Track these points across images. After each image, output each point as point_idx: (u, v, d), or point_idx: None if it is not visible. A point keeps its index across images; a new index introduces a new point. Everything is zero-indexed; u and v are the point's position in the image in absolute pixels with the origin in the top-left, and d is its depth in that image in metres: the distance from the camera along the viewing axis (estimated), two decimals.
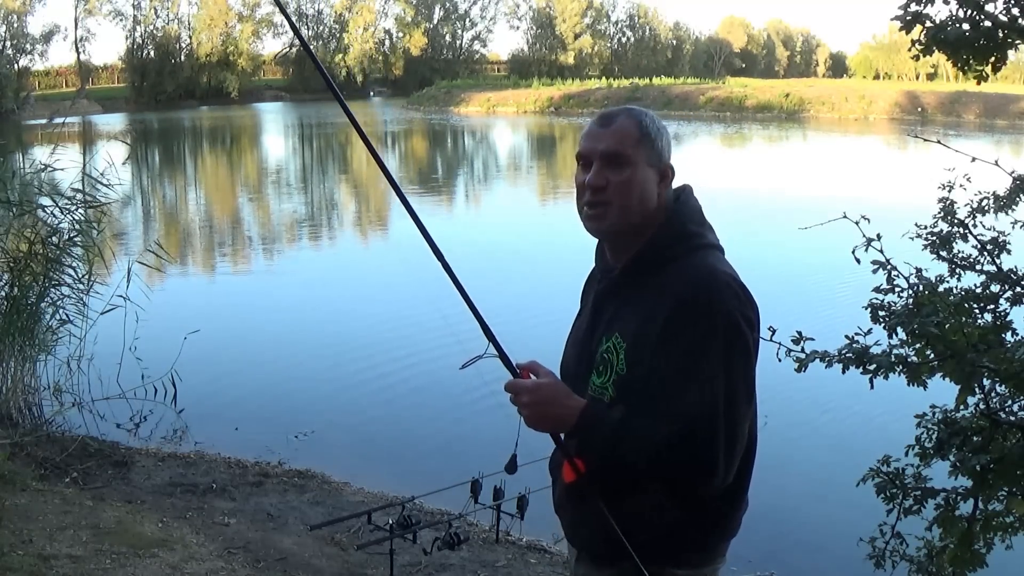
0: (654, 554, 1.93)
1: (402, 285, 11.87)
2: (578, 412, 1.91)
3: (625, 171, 1.93)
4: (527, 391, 1.94)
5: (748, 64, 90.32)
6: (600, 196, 1.94)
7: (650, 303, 1.90)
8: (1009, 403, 2.46)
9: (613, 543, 1.89)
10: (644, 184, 1.95)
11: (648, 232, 1.98)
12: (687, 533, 1.96)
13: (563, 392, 1.95)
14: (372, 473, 6.37)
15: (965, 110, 44.18)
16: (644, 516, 1.92)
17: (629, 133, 1.95)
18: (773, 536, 5.14)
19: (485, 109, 54.97)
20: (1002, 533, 2.52)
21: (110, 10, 62.70)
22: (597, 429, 1.90)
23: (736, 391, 1.84)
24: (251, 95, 65.15)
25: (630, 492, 1.93)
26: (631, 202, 1.94)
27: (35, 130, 31.71)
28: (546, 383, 1.95)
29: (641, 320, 1.91)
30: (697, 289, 1.86)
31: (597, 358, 1.98)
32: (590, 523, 1.98)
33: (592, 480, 1.94)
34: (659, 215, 1.99)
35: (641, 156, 1.94)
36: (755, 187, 20.73)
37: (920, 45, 2.41)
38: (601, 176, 1.94)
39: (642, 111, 2.03)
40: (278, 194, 23.61)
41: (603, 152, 1.94)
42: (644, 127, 1.97)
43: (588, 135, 1.99)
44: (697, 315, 1.84)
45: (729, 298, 1.87)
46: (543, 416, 1.94)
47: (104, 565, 4.36)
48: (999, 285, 2.57)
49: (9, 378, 6.97)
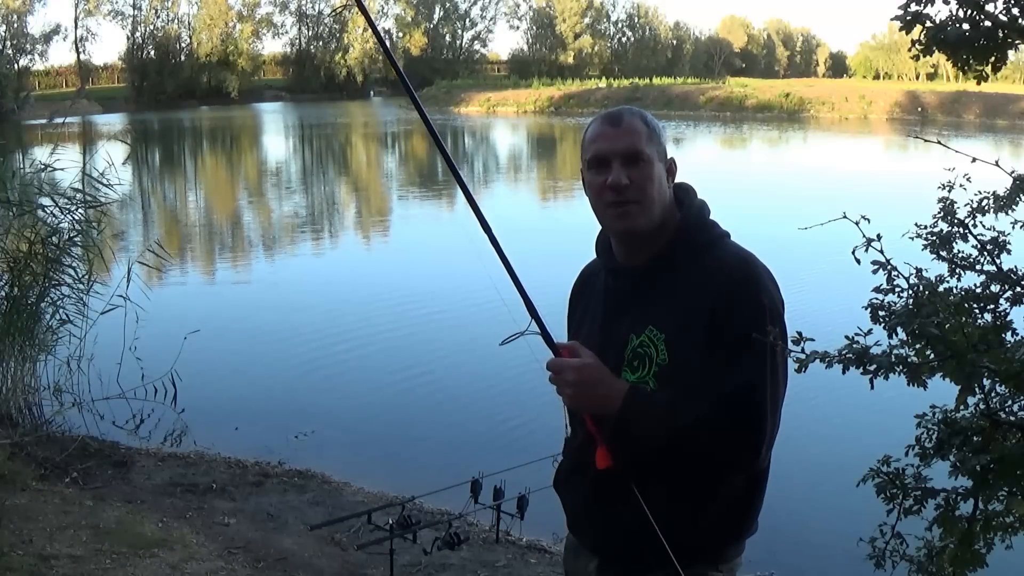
0: (697, 553, 1.93)
1: (402, 285, 11.90)
2: (623, 393, 1.91)
3: (644, 168, 1.97)
4: (572, 369, 1.92)
5: (748, 64, 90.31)
6: (625, 195, 1.97)
7: (689, 292, 1.93)
8: (1009, 403, 2.45)
9: (653, 546, 1.83)
10: (660, 179, 1.99)
11: (668, 226, 2.01)
12: (726, 527, 1.98)
13: (607, 372, 1.94)
14: (372, 473, 6.37)
15: (965, 110, 44.20)
16: (684, 511, 1.91)
17: (640, 130, 1.99)
18: (773, 536, 5.13)
19: (485, 109, 55.00)
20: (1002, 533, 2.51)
21: (110, 10, 62.92)
22: (646, 408, 1.90)
23: (777, 372, 1.89)
24: (251, 95, 65.15)
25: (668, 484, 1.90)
26: (653, 198, 1.97)
27: (35, 130, 31.76)
28: (591, 363, 1.94)
29: (681, 309, 1.92)
30: (742, 274, 1.92)
31: (627, 355, 1.98)
32: (625, 525, 1.93)
33: (627, 468, 1.91)
34: (671, 211, 2.03)
35: (653, 152, 1.98)
36: (754, 187, 20.73)
37: (920, 45, 2.41)
38: (623, 175, 1.96)
39: (639, 111, 2.06)
40: (278, 194, 23.62)
41: (622, 152, 1.97)
42: (650, 124, 2.01)
43: (601, 136, 2.01)
44: (746, 298, 1.88)
45: (769, 282, 1.93)
46: (588, 396, 1.93)
47: (104, 565, 4.36)
48: (999, 285, 2.57)
49: (9, 378, 6.97)
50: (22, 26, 56.13)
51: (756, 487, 2.00)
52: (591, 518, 2.07)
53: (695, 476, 1.92)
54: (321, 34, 72.50)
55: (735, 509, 1.98)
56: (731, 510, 1.97)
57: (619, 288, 2.06)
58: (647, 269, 2.01)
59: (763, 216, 14.65)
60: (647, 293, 2.00)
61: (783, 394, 1.95)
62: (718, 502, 1.94)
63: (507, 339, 2.03)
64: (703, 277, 1.92)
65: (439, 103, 56.54)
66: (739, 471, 1.93)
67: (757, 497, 2.02)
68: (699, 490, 1.93)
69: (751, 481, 1.98)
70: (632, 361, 1.97)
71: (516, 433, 6.79)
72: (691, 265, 1.96)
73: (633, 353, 1.97)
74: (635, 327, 1.98)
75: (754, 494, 2.01)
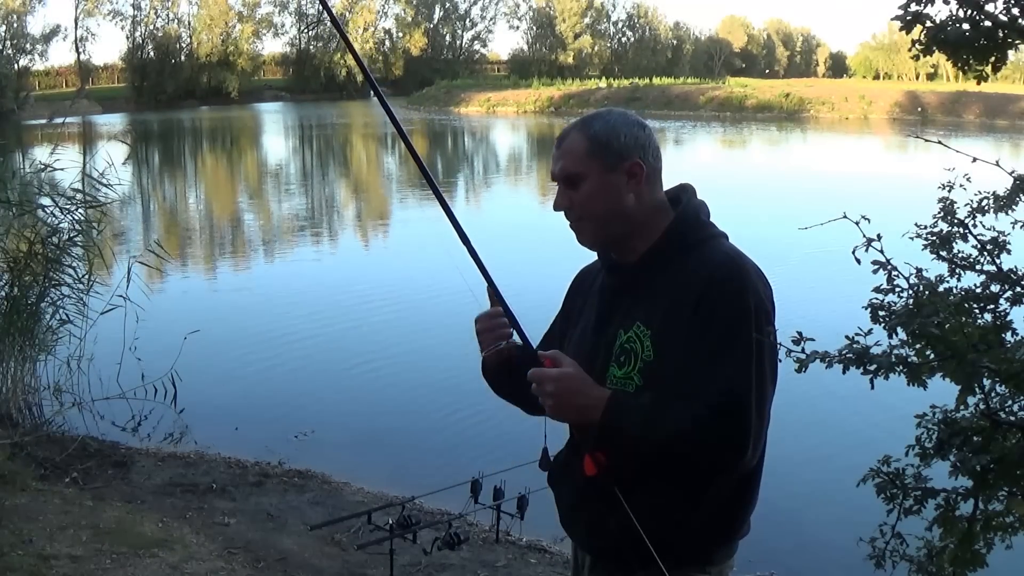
0: (685, 556, 1.93)
1: (402, 285, 11.90)
2: (605, 401, 1.90)
3: (582, 188, 1.99)
4: (552, 380, 1.91)
5: (748, 64, 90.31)
6: (570, 216, 2.02)
7: (675, 290, 1.93)
8: (1009, 403, 2.46)
9: (640, 547, 1.84)
10: (606, 193, 1.98)
11: (656, 226, 2.00)
12: (715, 530, 1.97)
13: (588, 382, 1.93)
14: (372, 473, 6.36)
15: (965, 110, 44.21)
16: (671, 515, 1.91)
17: (576, 149, 1.99)
18: (773, 536, 5.14)
19: (485, 109, 54.99)
20: (1002, 533, 2.51)
21: (110, 10, 62.93)
22: (628, 414, 1.89)
23: (764, 371, 1.89)
24: (251, 95, 65.17)
25: (654, 488, 1.91)
26: (598, 213, 1.99)
27: (35, 130, 31.78)
28: (571, 372, 1.93)
29: (667, 307, 1.92)
30: (727, 272, 1.91)
31: (615, 350, 1.98)
32: (612, 526, 1.92)
33: (614, 473, 1.90)
34: (655, 210, 2.01)
35: (594, 167, 1.98)
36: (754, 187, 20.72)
37: (920, 45, 2.41)
38: (564, 197, 2.02)
39: (597, 116, 2.03)
40: (278, 194, 23.62)
41: (559, 175, 2.02)
42: (592, 136, 1.99)
43: (553, 156, 2.05)
44: (729, 297, 1.88)
45: (756, 280, 1.92)
46: (568, 406, 1.92)
47: (104, 565, 4.36)
48: (999, 285, 2.57)
49: (9, 378, 6.97)
50: (22, 26, 56.19)
51: (746, 488, 1.99)
52: (580, 520, 2.08)
53: (681, 479, 1.91)
54: (322, 34, 72.49)
55: (724, 511, 1.97)
56: (720, 512, 1.96)
57: (612, 286, 2.07)
58: (637, 267, 2.02)
59: (763, 216, 14.65)
60: (636, 290, 2.01)
61: (771, 394, 1.94)
62: (706, 504, 1.93)
63: (490, 350, 2.13)
64: (689, 275, 1.93)
65: (439, 103, 56.54)
66: (725, 472, 1.91)
67: (747, 499, 2.01)
68: (686, 493, 1.92)
69: (740, 482, 1.96)
70: (619, 356, 1.97)
71: (516, 433, 6.78)
72: (679, 263, 1.96)
73: (620, 349, 1.97)
74: (623, 323, 1.99)
75: (744, 495, 1.99)
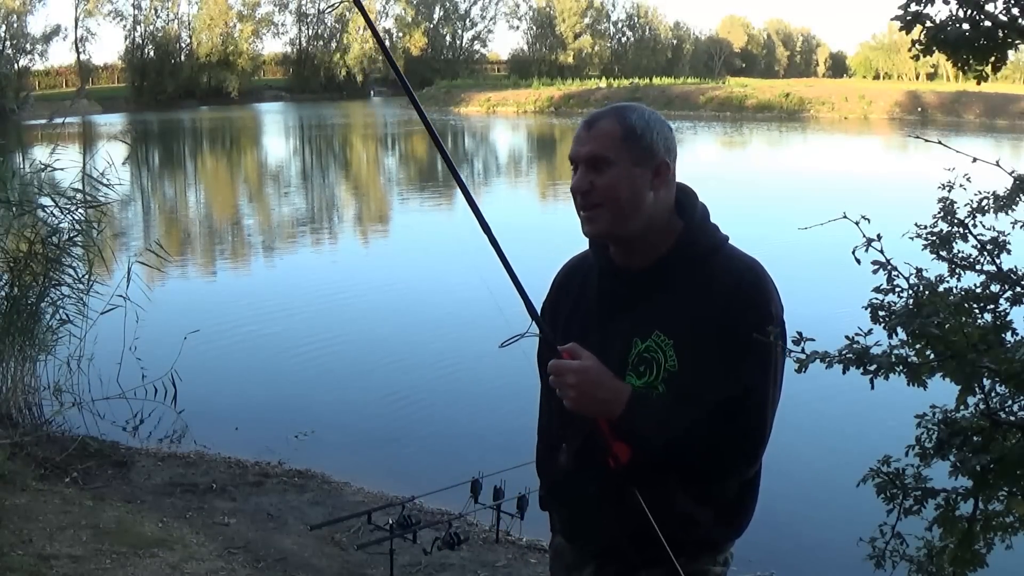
0: (697, 552, 1.98)
1: (402, 285, 11.90)
2: (627, 395, 1.90)
3: (608, 173, 1.93)
4: (574, 372, 1.90)
5: (748, 64, 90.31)
6: (588, 199, 1.95)
7: (697, 299, 1.93)
8: (1009, 403, 2.45)
9: (647, 545, 1.88)
10: (632, 183, 1.94)
11: (666, 231, 1.99)
12: (727, 522, 2.02)
13: (608, 375, 1.92)
14: (372, 473, 6.36)
15: (965, 110, 44.18)
16: (686, 512, 1.94)
17: (610, 134, 1.94)
18: (773, 536, 5.14)
19: (485, 109, 54.99)
20: (1002, 533, 2.51)
21: (110, 10, 62.89)
22: (648, 411, 1.90)
23: (778, 379, 1.93)
24: (251, 95, 65.15)
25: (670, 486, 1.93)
26: (620, 203, 1.94)
27: (35, 130, 31.77)
28: (593, 365, 1.92)
29: (691, 317, 1.92)
30: (752, 283, 1.94)
31: (632, 359, 1.96)
32: (628, 523, 1.93)
33: (633, 469, 1.91)
34: (669, 214, 2.00)
35: (625, 156, 1.93)
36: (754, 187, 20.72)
37: (920, 45, 2.40)
38: (585, 180, 1.95)
39: (632, 108, 2.00)
40: (278, 194, 23.63)
41: (585, 156, 1.95)
42: (629, 126, 1.95)
43: (575, 138, 2.00)
44: (755, 308, 1.90)
45: (773, 289, 1.96)
46: (590, 398, 1.91)
47: (104, 565, 4.36)
48: (999, 285, 2.56)
49: (9, 378, 6.97)
50: (22, 26, 56.16)
51: (755, 484, 2.07)
52: (598, 518, 2.04)
53: (697, 475, 1.94)
54: (322, 34, 72.49)
55: (736, 505, 2.03)
56: (732, 506, 2.02)
57: (616, 290, 2.04)
58: (649, 273, 1.99)
59: (762, 216, 14.64)
60: (650, 297, 1.98)
61: (778, 399, 1.98)
62: (719, 499, 1.99)
63: (507, 341, 2.02)
64: (712, 284, 1.92)
65: (439, 103, 56.51)
66: (735, 477, 1.97)
67: (754, 494, 2.08)
68: (701, 488, 1.96)
69: (749, 479, 2.04)
70: (638, 366, 1.95)
71: (516, 433, 6.76)
72: (696, 271, 1.95)
73: (639, 358, 1.95)
74: (639, 331, 1.96)
75: (753, 491, 2.07)
